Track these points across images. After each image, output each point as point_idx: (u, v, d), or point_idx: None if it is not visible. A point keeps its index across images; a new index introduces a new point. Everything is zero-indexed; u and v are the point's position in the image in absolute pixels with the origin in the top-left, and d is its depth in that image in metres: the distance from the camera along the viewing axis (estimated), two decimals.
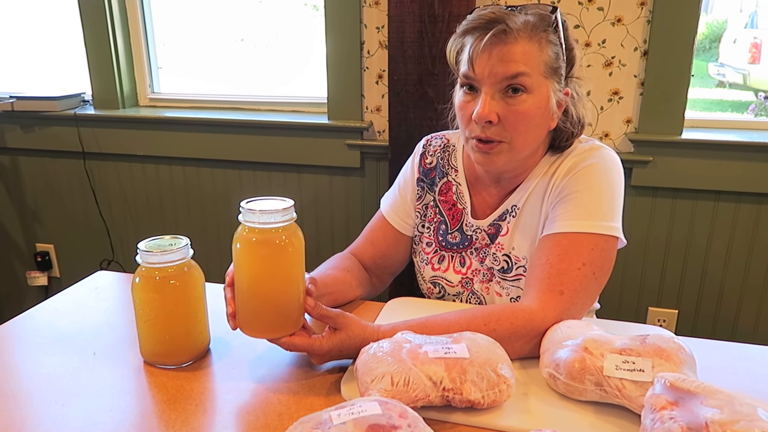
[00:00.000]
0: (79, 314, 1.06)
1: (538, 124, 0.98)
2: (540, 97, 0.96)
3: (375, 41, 1.89)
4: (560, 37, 0.97)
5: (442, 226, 1.15)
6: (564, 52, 0.98)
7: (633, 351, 0.79)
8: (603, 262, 0.96)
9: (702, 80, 2.19)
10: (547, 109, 0.98)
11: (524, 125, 0.96)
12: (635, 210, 1.83)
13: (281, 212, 0.79)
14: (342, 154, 2.01)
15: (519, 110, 0.95)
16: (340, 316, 0.86)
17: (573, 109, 1.03)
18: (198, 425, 0.76)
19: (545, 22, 0.95)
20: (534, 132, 0.99)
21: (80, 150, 2.26)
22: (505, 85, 0.94)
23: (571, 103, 1.02)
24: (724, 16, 2.15)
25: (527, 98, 0.95)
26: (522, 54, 0.93)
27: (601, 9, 1.70)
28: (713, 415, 0.62)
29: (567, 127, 1.03)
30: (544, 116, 0.98)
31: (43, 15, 2.49)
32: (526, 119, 0.96)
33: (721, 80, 2.32)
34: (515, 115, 0.95)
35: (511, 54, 0.93)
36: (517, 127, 0.96)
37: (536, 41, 0.94)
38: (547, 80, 0.96)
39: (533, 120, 0.97)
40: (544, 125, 1.00)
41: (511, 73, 0.93)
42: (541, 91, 0.96)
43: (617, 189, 1.00)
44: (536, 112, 0.96)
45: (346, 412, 0.66)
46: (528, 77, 0.94)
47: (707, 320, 1.91)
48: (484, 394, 0.75)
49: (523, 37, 0.93)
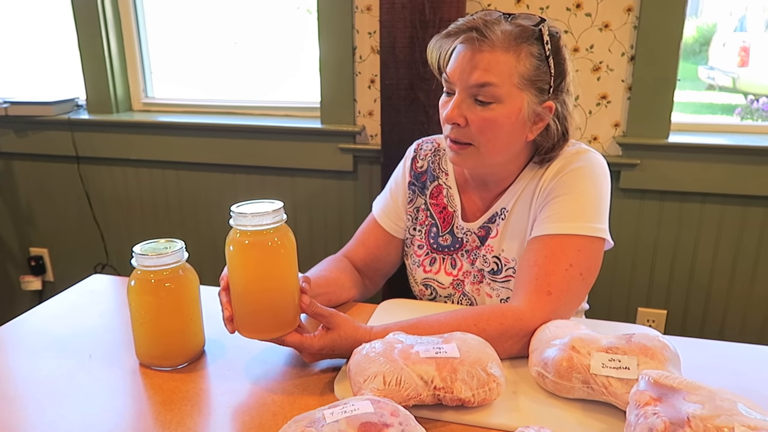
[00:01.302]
0: (74, 317, 1.07)
1: (508, 133, 0.99)
2: (511, 107, 0.96)
3: (367, 46, 1.91)
4: (545, 50, 0.96)
5: (433, 228, 1.17)
6: (552, 65, 0.97)
7: (619, 349, 0.80)
8: (590, 263, 0.98)
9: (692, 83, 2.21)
10: (518, 120, 0.97)
11: (491, 132, 0.98)
12: (624, 212, 1.86)
13: (271, 214, 0.81)
14: (335, 158, 2.03)
15: (486, 117, 0.96)
16: (334, 315, 0.87)
17: (555, 124, 1.01)
18: (193, 426, 0.78)
19: (527, 33, 0.95)
20: (503, 140, 0.99)
21: (74, 154, 2.27)
22: (475, 92, 0.96)
23: (554, 119, 1.00)
24: (714, 19, 2.17)
25: (496, 107, 0.96)
26: (494, 64, 0.94)
27: (589, 15, 1.73)
28: (695, 410, 0.63)
29: (545, 142, 1.03)
30: (514, 126, 0.98)
31: (37, 20, 2.50)
32: (493, 127, 0.97)
33: (711, 83, 2.34)
34: (482, 121, 0.97)
35: (481, 63, 0.94)
36: (483, 133, 0.98)
37: (513, 52, 0.94)
38: (522, 92, 0.96)
39: (501, 128, 0.97)
40: (515, 135, 1.00)
41: (479, 81, 0.95)
42: (512, 102, 0.96)
43: (604, 191, 1.02)
44: (504, 122, 0.97)
45: (339, 410, 0.67)
46: (496, 87, 0.95)
47: (695, 320, 1.93)
48: (475, 392, 0.77)
49: (499, 47, 0.94)
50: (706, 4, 2.14)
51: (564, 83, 1.01)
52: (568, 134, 1.04)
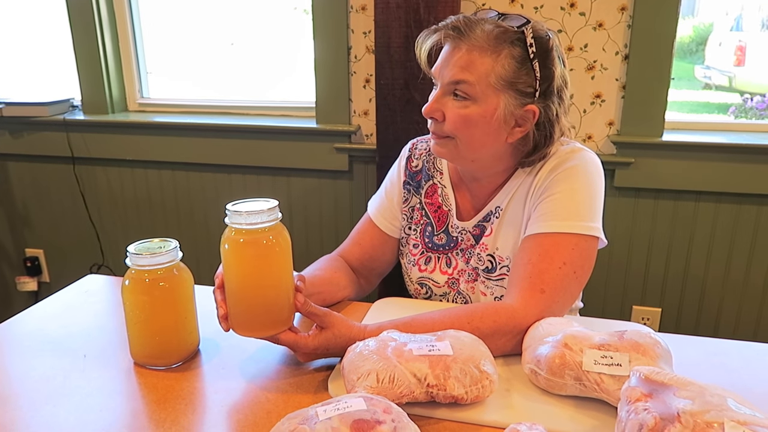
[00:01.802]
0: (69, 317, 1.07)
1: (484, 133, 0.99)
2: (486, 107, 0.97)
3: (362, 46, 1.92)
4: (529, 52, 0.95)
5: (428, 228, 1.18)
6: (538, 68, 0.96)
7: (611, 346, 0.81)
8: (583, 262, 0.98)
9: (689, 82, 2.22)
10: (494, 120, 0.97)
11: (465, 129, 0.99)
12: (618, 211, 1.86)
13: (266, 212, 0.81)
14: (330, 158, 2.03)
15: (460, 113, 0.98)
16: (328, 315, 0.88)
17: (536, 129, 1.00)
18: (188, 424, 0.78)
19: (508, 35, 0.95)
20: (479, 139, 1.00)
21: (70, 155, 2.27)
22: (452, 88, 0.98)
23: (539, 122, 0.99)
24: (710, 19, 2.17)
25: (471, 105, 0.97)
26: (470, 62, 0.95)
27: (583, 14, 1.74)
28: (685, 405, 0.64)
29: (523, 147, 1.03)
30: (489, 125, 0.98)
31: (32, 20, 2.49)
32: (466, 124, 0.98)
33: (708, 82, 2.35)
34: (456, 116, 0.98)
35: (460, 61, 0.96)
36: (459, 129, 0.99)
37: (491, 53, 0.95)
38: (499, 92, 0.96)
39: (475, 126, 0.98)
40: (493, 135, 0.99)
41: (454, 79, 0.96)
42: (487, 102, 0.96)
43: (597, 190, 1.03)
44: (479, 120, 0.97)
45: (332, 407, 0.67)
46: (470, 86, 0.96)
47: (690, 318, 1.94)
48: (468, 389, 0.77)
49: (477, 47, 0.95)
50: (703, 4, 2.15)
51: (551, 86, 0.98)
52: (552, 138, 1.01)
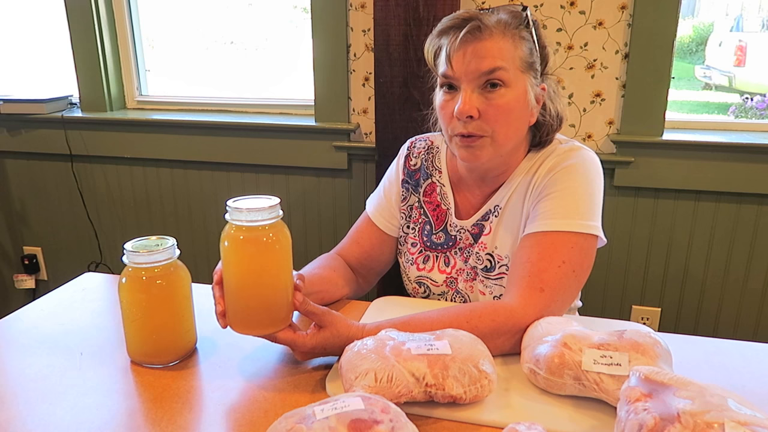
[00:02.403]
0: (66, 315, 1.06)
1: (518, 118, 1.01)
2: (518, 91, 0.98)
3: (361, 44, 1.91)
4: (532, 34, 1.00)
5: (427, 226, 1.17)
6: (537, 49, 1.01)
7: (610, 346, 0.80)
8: (582, 260, 0.98)
9: (689, 82, 2.22)
10: (526, 102, 1.00)
11: (504, 118, 0.99)
12: (618, 210, 1.85)
13: (267, 210, 0.80)
14: (329, 156, 2.03)
15: (499, 104, 0.97)
16: (326, 314, 0.87)
17: (551, 104, 1.06)
18: (184, 423, 0.77)
19: (517, 19, 0.99)
20: (515, 125, 1.01)
21: (68, 152, 2.26)
22: (484, 80, 0.97)
23: (548, 99, 1.05)
24: (711, 19, 2.17)
25: (506, 92, 0.97)
26: (497, 49, 0.96)
27: (583, 12, 1.73)
28: (685, 405, 0.63)
29: (546, 121, 1.06)
30: (523, 110, 1.01)
31: (30, 17, 2.48)
32: (506, 112, 0.98)
33: (708, 82, 2.35)
34: (495, 108, 0.98)
35: (487, 50, 0.96)
36: (498, 121, 0.98)
37: (510, 37, 0.97)
38: (524, 75, 0.99)
39: (513, 113, 0.99)
40: (524, 119, 1.02)
41: (488, 68, 0.96)
42: (518, 85, 0.98)
43: (596, 189, 1.02)
44: (515, 106, 0.99)
45: (329, 407, 0.67)
46: (505, 71, 0.96)
47: (689, 317, 1.94)
48: (466, 389, 0.77)
49: (497, 33, 0.96)
50: (703, 4, 2.15)
51: (547, 66, 1.05)
52: (561, 115, 1.08)
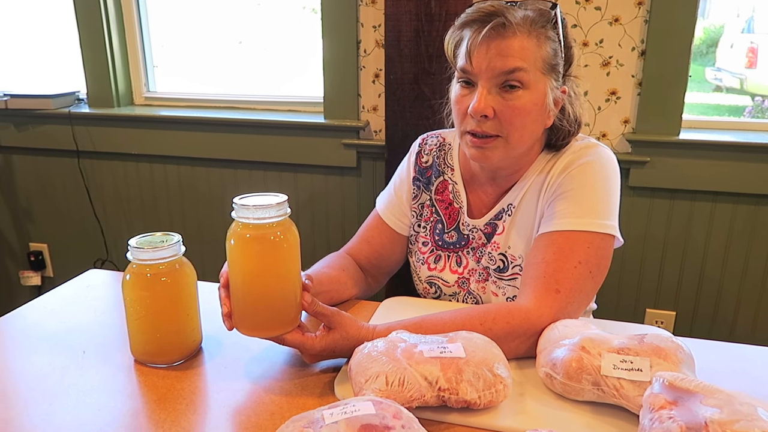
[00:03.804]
0: (69, 313, 1.04)
1: (534, 120, 0.97)
2: (537, 93, 0.95)
3: (371, 40, 1.89)
4: (559, 34, 0.96)
5: (439, 225, 1.14)
6: (562, 49, 0.97)
7: (631, 350, 0.77)
8: (599, 261, 0.95)
9: (699, 85, 2.19)
10: (544, 105, 0.97)
11: (520, 121, 0.95)
12: (632, 211, 1.82)
13: (275, 207, 0.78)
14: (338, 154, 2.00)
15: (515, 105, 0.94)
16: (336, 314, 0.84)
17: (570, 107, 1.02)
18: (188, 425, 0.75)
19: (544, 17, 0.94)
20: (530, 128, 0.98)
21: (74, 149, 2.25)
22: (502, 80, 0.93)
23: (568, 102, 1.01)
24: (721, 20, 2.14)
25: (524, 94, 0.94)
26: (520, 49, 0.92)
27: (599, 8, 1.70)
28: (713, 414, 0.61)
29: (563, 126, 1.02)
30: (540, 113, 0.97)
31: (38, 13, 2.48)
32: (522, 115, 0.95)
33: (719, 85, 2.32)
34: (511, 110, 0.94)
35: (509, 48, 0.92)
36: (513, 123, 0.95)
37: (534, 37, 0.93)
38: (545, 77, 0.95)
39: (529, 116, 0.96)
40: (540, 122, 0.99)
41: (509, 68, 0.92)
42: (538, 88, 0.95)
43: (613, 187, 1.00)
44: (532, 108, 0.95)
45: (338, 411, 0.64)
46: (525, 73, 0.93)
47: (705, 322, 1.90)
48: (481, 394, 0.74)
49: (522, 31, 0.92)
50: (713, 6, 2.11)
51: (571, 68, 1.01)
52: (580, 119, 1.04)
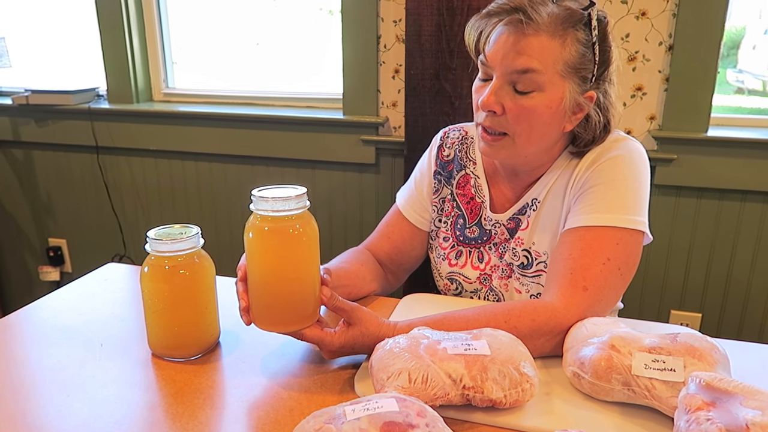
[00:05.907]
0: (87, 306, 1.04)
1: (546, 123, 0.93)
2: (552, 96, 0.90)
3: (392, 35, 1.86)
4: (592, 35, 0.90)
5: (460, 220, 1.12)
6: (597, 52, 0.91)
7: (663, 349, 0.75)
8: (628, 258, 0.92)
9: (721, 87, 2.15)
10: (559, 109, 0.92)
11: (528, 122, 0.92)
12: (658, 209, 1.78)
13: (294, 199, 0.76)
14: (357, 150, 1.98)
15: (525, 105, 0.91)
16: (356, 310, 0.82)
17: (597, 115, 0.95)
18: (205, 419, 0.74)
19: (575, 17, 0.89)
20: (540, 131, 0.94)
21: (94, 144, 2.26)
22: (515, 78, 0.90)
23: (595, 109, 0.95)
24: (743, 22, 2.10)
25: (536, 95, 0.90)
26: (539, 49, 0.88)
27: (625, 2, 1.66)
28: (754, 416, 0.58)
29: (584, 134, 0.97)
30: (554, 116, 0.93)
31: (59, 10, 2.49)
32: (532, 116, 0.91)
33: (741, 87, 2.27)
34: (520, 109, 0.91)
35: (528, 47, 0.88)
36: (521, 123, 0.92)
37: (559, 37, 0.89)
38: (564, 80, 0.90)
39: (540, 118, 0.92)
40: (554, 126, 0.94)
41: (522, 67, 0.89)
42: (554, 90, 0.90)
43: (643, 181, 0.96)
44: (544, 111, 0.91)
45: (361, 407, 0.62)
46: (539, 74, 0.89)
47: (732, 325, 1.85)
48: (507, 393, 0.72)
49: (545, 31, 0.88)
50: (735, 7, 2.07)
51: (607, 72, 0.95)
52: (609, 126, 0.98)
